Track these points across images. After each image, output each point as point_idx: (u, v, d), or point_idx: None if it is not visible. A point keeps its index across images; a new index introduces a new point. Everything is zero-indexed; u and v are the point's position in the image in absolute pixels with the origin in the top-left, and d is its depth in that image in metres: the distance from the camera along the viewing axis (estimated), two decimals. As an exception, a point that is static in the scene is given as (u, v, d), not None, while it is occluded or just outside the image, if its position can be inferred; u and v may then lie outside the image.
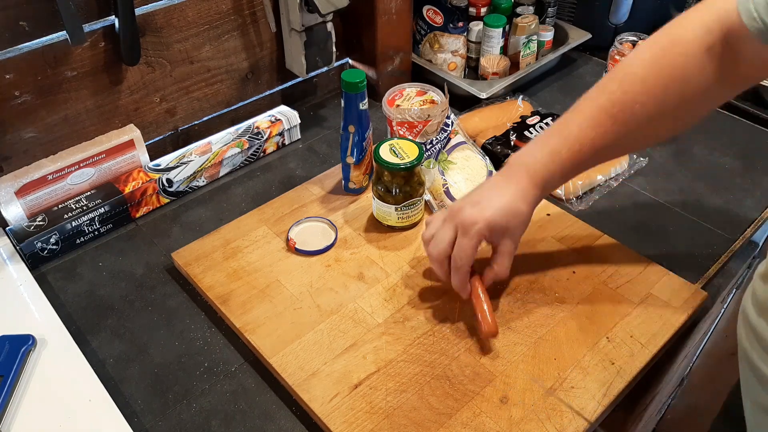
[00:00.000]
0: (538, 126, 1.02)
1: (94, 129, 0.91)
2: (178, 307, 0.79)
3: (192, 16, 0.93)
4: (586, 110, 0.68)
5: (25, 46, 0.80)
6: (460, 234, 0.70)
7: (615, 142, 0.68)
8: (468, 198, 0.72)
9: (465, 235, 0.69)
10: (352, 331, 0.73)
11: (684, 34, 0.65)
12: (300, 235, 0.85)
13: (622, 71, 0.68)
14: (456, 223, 0.70)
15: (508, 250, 0.71)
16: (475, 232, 0.68)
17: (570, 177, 0.71)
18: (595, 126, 0.67)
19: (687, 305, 0.75)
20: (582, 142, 0.67)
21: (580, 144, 0.67)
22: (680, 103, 0.66)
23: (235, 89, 1.05)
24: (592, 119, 0.67)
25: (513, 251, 0.72)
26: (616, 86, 0.67)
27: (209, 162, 0.95)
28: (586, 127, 0.67)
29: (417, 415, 0.64)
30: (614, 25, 1.25)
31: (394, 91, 0.93)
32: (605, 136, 0.67)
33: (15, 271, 0.82)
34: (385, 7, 1.06)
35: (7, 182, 0.82)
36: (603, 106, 0.67)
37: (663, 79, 0.65)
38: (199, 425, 0.66)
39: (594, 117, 0.67)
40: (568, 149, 0.68)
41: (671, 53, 0.65)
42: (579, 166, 0.69)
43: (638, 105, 0.65)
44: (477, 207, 0.70)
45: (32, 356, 0.71)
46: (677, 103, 0.65)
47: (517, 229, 0.71)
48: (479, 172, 0.91)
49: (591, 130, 0.67)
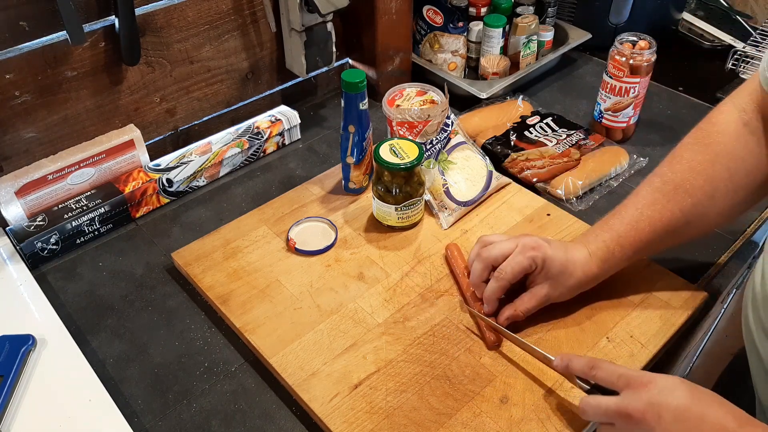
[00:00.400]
0: (538, 126, 1.02)
1: (94, 129, 0.91)
2: (178, 307, 0.79)
3: (192, 16, 0.93)
4: (642, 191, 0.72)
5: (25, 46, 0.80)
6: (517, 251, 0.70)
7: (672, 223, 0.70)
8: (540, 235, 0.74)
9: (521, 253, 0.70)
10: (352, 331, 0.73)
11: (720, 116, 0.71)
12: (300, 235, 0.85)
13: (671, 155, 0.73)
14: (520, 243, 0.71)
15: (541, 294, 0.71)
16: (531, 256, 0.69)
17: (632, 258, 0.72)
18: (651, 204, 0.70)
19: (687, 305, 0.75)
20: (639, 220, 0.70)
21: (637, 222, 0.70)
22: (729, 179, 0.69)
23: (235, 89, 1.05)
24: (646, 198, 0.71)
25: (544, 301, 0.71)
26: (666, 168, 0.72)
27: (209, 162, 0.95)
28: (642, 207, 0.71)
29: (417, 415, 0.64)
30: (614, 25, 1.25)
31: (394, 91, 0.93)
32: (662, 215, 0.69)
33: (15, 271, 0.82)
34: (385, 7, 1.06)
35: (7, 182, 0.82)
36: (657, 186, 0.71)
37: (708, 155, 0.69)
38: (199, 425, 0.66)
39: (648, 196, 0.71)
40: (626, 228, 0.70)
41: (711, 132, 0.70)
42: (639, 247, 0.71)
43: (688, 183, 0.69)
44: (548, 242, 0.71)
45: (32, 356, 0.71)
46: (726, 179, 0.69)
47: (562, 284, 0.71)
48: (479, 172, 0.91)
49: (647, 209, 0.70)
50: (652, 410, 0.52)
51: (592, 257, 0.70)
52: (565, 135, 1.00)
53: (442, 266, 0.81)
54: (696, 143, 0.71)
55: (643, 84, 0.99)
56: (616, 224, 0.71)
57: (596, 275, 0.71)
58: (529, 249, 0.70)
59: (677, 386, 0.53)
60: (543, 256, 0.69)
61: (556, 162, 0.95)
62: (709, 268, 0.83)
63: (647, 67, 0.97)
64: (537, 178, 0.93)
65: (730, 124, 0.70)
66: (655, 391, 0.53)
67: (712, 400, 0.53)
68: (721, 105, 0.72)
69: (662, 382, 0.54)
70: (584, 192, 0.94)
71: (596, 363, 0.60)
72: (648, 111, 1.09)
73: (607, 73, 1.00)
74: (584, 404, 0.59)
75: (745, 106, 0.69)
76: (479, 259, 0.73)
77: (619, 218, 0.71)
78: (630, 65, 0.96)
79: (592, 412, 0.58)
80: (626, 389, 0.56)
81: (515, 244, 0.71)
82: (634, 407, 0.54)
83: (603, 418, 0.58)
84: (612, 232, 0.71)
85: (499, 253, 0.71)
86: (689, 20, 1.33)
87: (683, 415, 0.51)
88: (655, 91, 1.15)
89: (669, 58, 1.11)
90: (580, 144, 0.98)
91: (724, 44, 1.28)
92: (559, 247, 0.71)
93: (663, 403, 0.52)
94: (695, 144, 0.71)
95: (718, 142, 0.70)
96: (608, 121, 1.03)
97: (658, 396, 0.53)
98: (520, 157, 0.96)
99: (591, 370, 0.60)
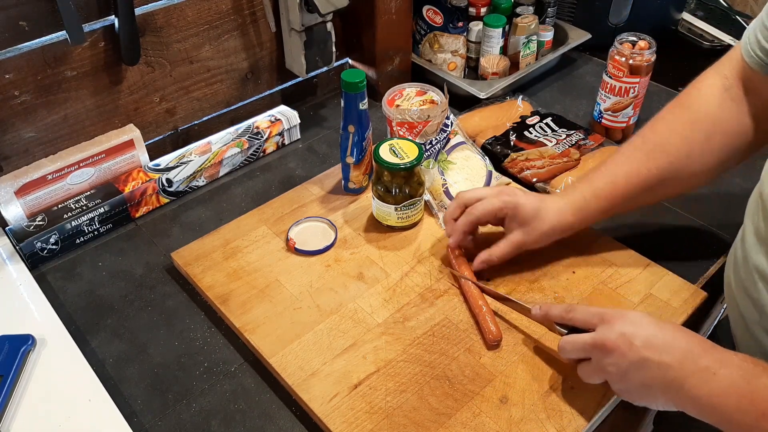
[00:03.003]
0: (537, 126, 1.02)
1: (94, 129, 0.91)
2: (178, 307, 0.79)
3: (192, 16, 0.93)
4: (624, 149, 0.76)
5: (25, 46, 0.80)
6: (492, 194, 0.76)
7: (648, 179, 0.73)
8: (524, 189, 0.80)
9: (495, 196, 0.75)
10: (352, 331, 0.73)
11: (704, 82, 0.74)
12: (300, 235, 0.85)
13: (655, 117, 0.77)
14: (496, 189, 0.77)
15: (513, 241, 0.75)
16: (503, 200, 0.75)
17: (608, 211, 0.76)
18: (629, 161, 0.74)
19: (687, 305, 0.75)
20: (617, 174, 0.74)
21: (615, 176, 0.74)
22: (706, 141, 0.72)
23: (235, 89, 1.05)
24: (626, 155, 0.75)
25: (517, 247, 0.76)
26: (648, 129, 0.76)
27: (209, 162, 0.95)
28: (621, 163, 0.75)
29: (417, 415, 0.64)
30: (614, 25, 1.25)
31: (394, 91, 0.93)
32: (639, 172, 0.73)
33: (15, 271, 0.82)
34: (385, 7, 1.06)
35: (7, 182, 0.82)
36: (636, 144, 0.75)
37: (687, 117, 0.73)
38: (198, 425, 0.66)
39: (629, 154, 0.75)
40: (604, 181, 0.74)
41: (693, 96, 0.74)
42: (615, 200, 0.74)
43: (666, 143, 0.73)
44: (524, 191, 0.77)
45: (32, 356, 0.71)
46: (703, 141, 0.72)
47: (535, 231, 0.75)
48: (479, 172, 0.91)
49: (625, 164, 0.74)
50: (625, 340, 0.57)
51: (568, 205, 0.75)
52: (564, 135, 1.00)
53: (442, 266, 0.81)
54: (678, 106, 0.75)
55: (643, 84, 0.99)
56: (595, 178, 0.75)
57: (571, 223, 0.75)
58: (503, 194, 0.75)
59: (645, 318, 0.59)
60: (515, 201, 0.74)
61: (556, 162, 0.95)
62: (709, 268, 0.82)
63: (647, 67, 0.97)
64: (537, 178, 0.93)
65: (712, 88, 0.73)
66: (626, 323, 0.59)
67: (677, 328, 0.59)
68: (706, 72, 0.75)
69: (632, 316, 0.60)
70: (584, 192, 0.94)
71: (572, 307, 0.65)
72: (648, 111, 1.08)
73: (607, 73, 1.00)
74: (563, 343, 0.64)
75: (727, 73, 0.72)
76: (455, 199, 0.78)
77: (599, 173, 0.76)
78: (630, 65, 0.96)
79: (570, 348, 0.63)
80: (600, 324, 0.60)
81: (491, 190, 0.77)
82: (608, 338, 0.58)
83: (581, 354, 0.62)
84: (590, 184, 0.75)
85: (474, 195, 0.77)
86: (689, 20, 1.33)
87: (652, 342, 0.57)
88: (655, 91, 1.15)
89: (669, 58, 1.11)
90: (579, 144, 0.98)
91: (724, 44, 1.28)
92: (533, 196, 0.76)
93: (634, 332, 0.57)
94: (677, 106, 0.75)
95: (698, 105, 0.73)
96: (608, 121, 1.03)
97: (629, 327, 0.58)
98: (519, 157, 0.96)
99: (568, 314, 0.65)
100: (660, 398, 0.57)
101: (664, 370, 0.55)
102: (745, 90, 0.71)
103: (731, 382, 0.53)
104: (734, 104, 0.71)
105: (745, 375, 0.53)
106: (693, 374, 0.54)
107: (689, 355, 0.55)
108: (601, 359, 0.59)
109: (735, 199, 0.93)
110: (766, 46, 0.65)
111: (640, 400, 0.60)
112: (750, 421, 0.51)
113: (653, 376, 0.56)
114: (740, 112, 0.71)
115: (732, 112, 0.71)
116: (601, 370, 0.60)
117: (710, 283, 0.81)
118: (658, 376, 0.56)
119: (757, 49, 0.67)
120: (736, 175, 0.97)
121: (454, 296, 0.77)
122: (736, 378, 0.53)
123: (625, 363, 0.57)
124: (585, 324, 0.62)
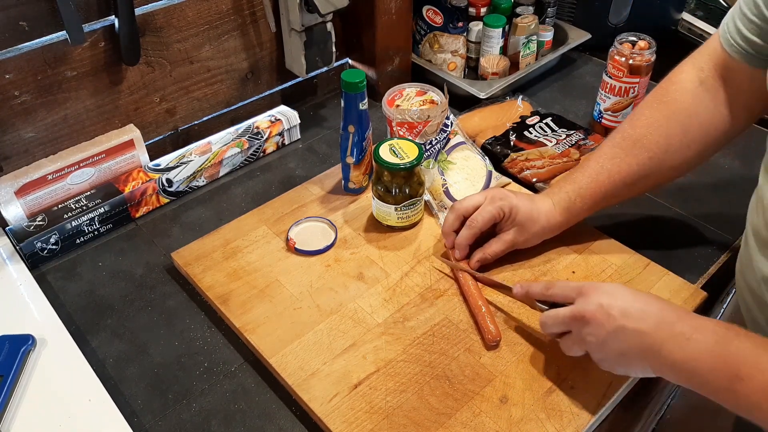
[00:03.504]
0: (537, 126, 1.02)
1: (94, 129, 0.91)
2: (178, 307, 0.79)
3: (192, 16, 0.93)
4: (604, 147, 0.78)
5: (25, 46, 0.80)
6: (486, 202, 0.77)
7: (630, 175, 0.75)
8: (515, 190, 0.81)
9: (490, 203, 0.77)
10: (352, 331, 0.73)
11: (679, 75, 0.76)
12: (300, 235, 0.85)
13: (633, 113, 0.78)
14: (488, 195, 0.78)
15: (507, 240, 0.77)
16: (499, 206, 0.76)
17: (593, 208, 0.78)
18: (610, 158, 0.76)
19: (687, 305, 0.75)
20: (598, 172, 0.76)
21: (597, 174, 0.76)
22: (683, 134, 0.73)
23: (235, 89, 1.05)
24: (606, 153, 0.77)
25: (510, 245, 0.78)
26: (627, 125, 0.77)
27: (209, 162, 0.95)
28: (602, 161, 0.76)
29: (417, 415, 0.64)
30: (614, 25, 1.25)
31: (394, 91, 0.93)
32: (620, 168, 0.75)
33: (15, 271, 0.82)
34: (385, 7, 1.06)
35: (7, 182, 0.82)
36: (616, 141, 0.77)
37: (664, 112, 0.75)
38: (198, 425, 0.66)
39: (609, 151, 0.77)
40: (587, 180, 0.76)
41: (670, 90, 0.76)
42: (598, 197, 0.76)
43: (645, 139, 0.75)
44: (514, 193, 0.78)
45: (32, 356, 0.71)
46: (680, 134, 0.73)
47: (527, 232, 0.77)
48: (479, 172, 0.91)
49: (606, 162, 0.76)
50: (602, 310, 0.59)
51: (556, 207, 0.77)
52: (564, 135, 1.00)
53: (442, 266, 0.81)
54: (655, 101, 0.76)
55: (643, 84, 0.99)
56: (578, 177, 0.77)
57: (559, 223, 0.78)
58: (497, 199, 0.77)
59: (620, 288, 0.61)
60: (510, 205, 0.76)
61: (556, 162, 0.95)
62: (709, 268, 0.82)
63: (647, 67, 0.97)
64: (536, 178, 0.93)
65: (687, 82, 0.74)
66: (603, 294, 0.61)
67: (652, 297, 0.60)
68: (681, 64, 0.77)
69: (608, 287, 0.62)
70: (584, 192, 0.94)
71: (551, 283, 0.67)
72: (648, 111, 1.09)
73: (607, 73, 1.00)
74: (544, 318, 0.66)
75: (703, 65, 0.74)
76: (452, 210, 0.79)
77: (581, 171, 0.77)
78: (629, 65, 0.96)
79: (551, 322, 0.65)
80: (578, 297, 0.62)
81: (484, 196, 0.78)
82: (587, 309, 0.61)
83: (561, 327, 0.64)
84: (574, 184, 0.77)
85: (470, 205, 0.78)
86: (689, 20, 1.33)
87: (628, 310, 0.58)
88: (655, 91, 1.15)
89: (669, 58, 1.10)
90: (579, 144, 0.98)
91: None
92: (524, 197, 0.78)
93: (610, 303, 0.59)
94: (654, 101, 0.76)
95: (674, 99, 0.75)
96: (608, 121, 1.03)
97: (606, 298, 0.60)
98: (519, 157, 0.96)
99: (548, 290, 0.67)
100: (638, 365, 0.59)
101: (641, 336, 0.57)
102: (722, 80, 0.72)
103: (705, 347, 0.54)
104: (709, 95, 0.73)
105: (719, 339, 0.54)
106: (668, 339, 0.56)
107: (664, 322, 0.57)
108: (581, 330, 0.61)
109: (735, 198, 0.93)
110: (747, 34, 0.66)
111: (619, 368, 0.62)
112: (724, 384, 0.53)
113: (630, 343, 0.58)
114: (716, 103, 0.73)
115: (707, 103, 0.73)
116: (582, 341, 0.62)
117: (710, 283, 0.81)
118: (635, 343, 0.58)
119: (737, 38, 0.68)
120: (736, 174, 0.97)
121: (453, 296, 0.77)
122: (710, 342, 0.55)
123: (603, 332, 0.59)
124: (564, 299, 0.65)
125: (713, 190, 0.94)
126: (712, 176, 0.97)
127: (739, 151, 1.01)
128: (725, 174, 0.97)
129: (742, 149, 1.02)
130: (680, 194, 0.94)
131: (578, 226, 0.86)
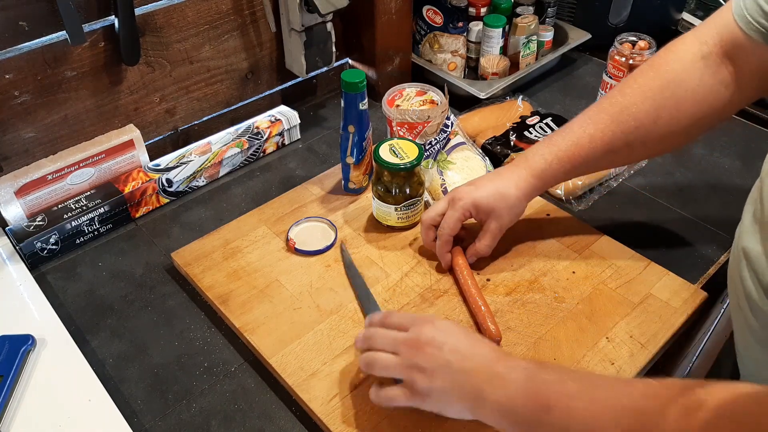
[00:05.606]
0: (537, 126, 1.02)
1: (94, 129, 0.91)
2: (178, 307, 0.79)
3: (192, 16, 0.93)
4: (590, 111, 0.74)
5: (25, 46, 0.80)
6: (449, 207, 0.76)
7: (613, 142, 0.72)
8: (470, 181, 0.79)
9: (452, 207, 0.76)
10: (352, 331, 0.73)
11: (680, 46, 0.72)
12: (300, 235, 0.85)
13: (626, 79, 0.74)
14: (449, 198, 0.77)
15: (491, 230, 0.77)
16: (460, 207, 0.75)
17: (570, 173, 0.75)
18: (595, 123, 0.73)
19: (687, 305, 0.75)
20: (580, 136, 0.73)
21: (578, 138, 0.73)
22: (675, 107, 0.70)
23: (235, 89, 1.05)
24: (591, 117, 0.73)
25: (497, 233, 0.77)
26: (617, 91, 0.73)
27: (209, 162, 0.95)
28: (586, 125, 0.73)
29: (417, 415, 0.64)
30: (614, 25, 1.25)
31: (394, 91, 0.93)
32: (604, 134, 0.72)
33: (15, 271, 0.82)
34: (385, 7, 1.06)
35: (7, 182, 0.82)
36: (603, 107, 0.73)
37: (658, 81, 0.71)
38: (198, 425, 0.66)
39: (594, 116, 0.73)
40: (567, 143, 0.73)
41: (668, 60, 0.72)
42: (577, 162, 0.73)
43: (635, 107, 0.71)
44: (471, 186, 0.77)
45: (32, 356, 0.71)
46: (672, 106, 0.70)
47: (503, 211, 0.76)
48: (478, 172, 0.91)
49: (590, 126, 0.73)
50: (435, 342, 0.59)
51: (528, 171, 0.75)
52: (564, 135, 1.00)
53: (439, 264, 0.81)
54: (650, 69, 0.72)
55: (643, 84, 0.99)
56: (558, 140, 0.75)
57: (534, 186, 0.75)
58: (457, 200, 0.76)
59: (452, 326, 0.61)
60: (471, 200, 0.75)
61: (556, 162, 0.95)
62: (709, 268, 0.82)
63: (647, 67, 0.97)
64: (537, 178, 0.93)
65: (688, 54, 0.70)
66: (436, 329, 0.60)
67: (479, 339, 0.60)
68: (683, 36, 0.72)
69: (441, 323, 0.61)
70: (584, 192, 0.94)
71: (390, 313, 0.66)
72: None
73: (607, 73, 1.00)
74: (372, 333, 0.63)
75: (707, 39, 0.69)
76: (421, 223, 0.79)
77: (562, 134, 0.75)
78: (630, 65, 0.96)
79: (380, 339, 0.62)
80: (412, 326, 0.61)
81: (447, 201, 0.77)
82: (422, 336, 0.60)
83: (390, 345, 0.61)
84: (553, 146, 0.74)
85: (435, 214, 0.78)
86: (689, 20, 1.33)
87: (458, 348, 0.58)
88: (655, 91, 1.15)
89: (669, 58, 1.11)
90: (579, 144, 0.98)
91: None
92: (485, 181, 0.77)
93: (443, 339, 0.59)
94: (650, 69, 0.72)
95: (671, 69, 0.71)
96: (608, 121, 1.03)
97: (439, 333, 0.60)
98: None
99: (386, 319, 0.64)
100: (456, 404, 0.58)
101: (464, 375, 0.57)
102: (727, 57, 0.68)
103: (518, 384, 0.55)
104: (709, 71, 0.69)
105: (529, 375, 0.55)
106: (489, 380, 0.56)
107: (486, 363, 0.57)
108: (412, 356, 0.59)
109: (735, 198, 0.93)
110: None
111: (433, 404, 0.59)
112: (535, 416, 0.53)
113: (455, 381, 0.57)
114: (716, 81, 0.69)
115: (706, 79, 0.69)
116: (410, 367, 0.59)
117: (710, 283, 0.81)
118: (459, 381, 0.57)
119: (757, 15, 0.62)
120: (735, 174, 0.97)
121: (454, 296, 0.77)
122: (521, 379, 0.55)
123: (434, 363, 0.58)
124: (399, 326, 0.63)
125: (713, 190, 0.94)
126: (712, 176, 0.97)
127: (739, 151, 1.01)
128: (725, 174, 0.97)
129: (742, 149, 1.02)
130: (680, 194, 0.94)
131: (578, 226, 0.86)
